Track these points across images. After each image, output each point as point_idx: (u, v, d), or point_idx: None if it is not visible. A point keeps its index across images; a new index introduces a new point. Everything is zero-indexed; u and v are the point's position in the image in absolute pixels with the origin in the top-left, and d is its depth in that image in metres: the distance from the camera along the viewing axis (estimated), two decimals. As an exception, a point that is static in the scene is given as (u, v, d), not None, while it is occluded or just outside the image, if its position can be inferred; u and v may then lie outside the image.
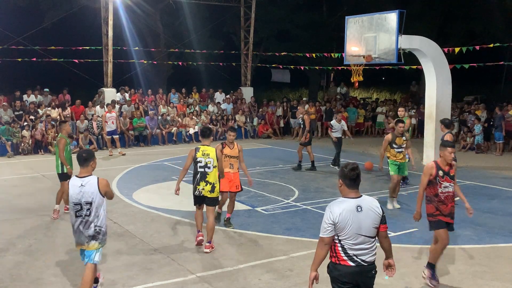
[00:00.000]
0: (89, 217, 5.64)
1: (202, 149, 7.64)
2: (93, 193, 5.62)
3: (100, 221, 5.70)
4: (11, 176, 13.68)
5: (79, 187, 5.63)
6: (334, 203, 4.39)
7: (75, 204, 5.64)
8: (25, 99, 19.41)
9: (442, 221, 6.49)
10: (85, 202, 5.61)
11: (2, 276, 6.74)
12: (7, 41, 20.56)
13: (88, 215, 5.63)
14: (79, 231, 5.70)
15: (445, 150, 6.46)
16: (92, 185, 5.64)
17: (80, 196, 5.61)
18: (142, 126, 19.55)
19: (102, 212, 5.71)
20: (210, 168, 7.58)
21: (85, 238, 5.68)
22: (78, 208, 5.63)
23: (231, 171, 8.72)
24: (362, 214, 4.29)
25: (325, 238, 4.34)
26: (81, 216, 5.65)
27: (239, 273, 6.85)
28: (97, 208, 5.65)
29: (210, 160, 7.58)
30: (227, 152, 8.68)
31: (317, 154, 16.88)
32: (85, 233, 5.67)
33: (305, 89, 36.37)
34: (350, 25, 15.21)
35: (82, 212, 5.63)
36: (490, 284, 6.53)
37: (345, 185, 4.39)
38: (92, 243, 5.69)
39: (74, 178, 5.76)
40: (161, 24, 27.43)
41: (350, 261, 4.31)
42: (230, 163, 8.71)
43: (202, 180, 7.61)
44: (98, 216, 5.67)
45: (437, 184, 6.43)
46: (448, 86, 15.43)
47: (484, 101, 22.94)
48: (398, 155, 10.29)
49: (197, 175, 7.65)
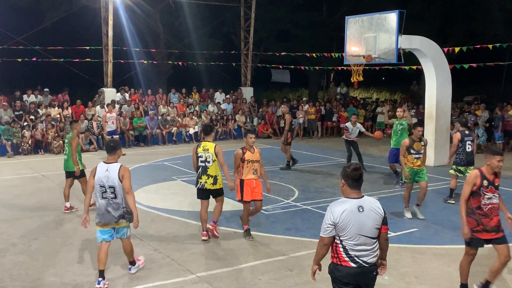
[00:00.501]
0: (117, 199, 6.32)
1: (203, 145, 8.03)
2: (115, 178, 6.28)
3: (126, 202, 6.38)
4: (11, 176, 13.68)
5: (105, 172, 6.32)
6: (335, 203, 4.38)
7: (100, 186, 6.32)
8: (25, 99, 19.41)
9: (481, 240, 5.90)
10: (108, 186, 6.28)
11: (2, 276, 6.74)
12: (7, 41, 20.56)
13: (115, 197, 6.31)
14: (107, 212, 6.35)
15: (492, 158, 5.85)
16: (115, 171, 6.30)
17: (105, 180, 6.29)
18: (142, 126, 19.56)
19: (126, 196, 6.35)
20: (210, 162, 7.93)
21: (114, 218, 6.38)
22: (103, 190, 6.32)
23: (254, 177, 8.09)
24: (363, 215, 4.28)
25: (324, 238, 4.34)
26: (106, 198, 6.31)
27: (239, 273, 6.85)
28: (121, 192, 6.31)
29: (209, 154, 7.92)
30: (249, 157, 8.06)
31: (317, 154, 16.89)
32: (114, 213, 6.35)
33: (305, 89, 36.37)
34: (350, 25, 15.21)
35: (107, 195, 6.30)
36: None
37: (347, 185, 4.38)
38: (121, 221, 6.43)
39: (102, 164, 6.41)
40: (161, 24, 27.43)
41: (351, 262, 4.30)
42: (253, 168, 8.07)
43: (203, 174, 7.99)
44: (123, 199, 6.35)
45: (481, 195, 5.87)
46: (448, 86, 15.43)
47: (484, 101, 22.93)
48: (415, 162, 9.45)
49: (199, 169, 8.02)
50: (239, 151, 8.05)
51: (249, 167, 8.04)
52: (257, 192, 8.15)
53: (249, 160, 8.03)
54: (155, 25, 27.05)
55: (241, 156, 8.00)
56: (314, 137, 22.26)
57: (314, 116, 22.37)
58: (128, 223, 6.55)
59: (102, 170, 6.33)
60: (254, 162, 8.08)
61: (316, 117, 22.49)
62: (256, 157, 8.11)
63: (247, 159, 8.03)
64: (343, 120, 22.71)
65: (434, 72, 15.06)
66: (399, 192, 11.55)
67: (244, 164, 8.00)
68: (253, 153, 8.11)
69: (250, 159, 8.05)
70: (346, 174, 4.38)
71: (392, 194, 11.39)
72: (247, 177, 8.03)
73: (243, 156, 8.01)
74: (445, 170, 14.52)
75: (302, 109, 22.34)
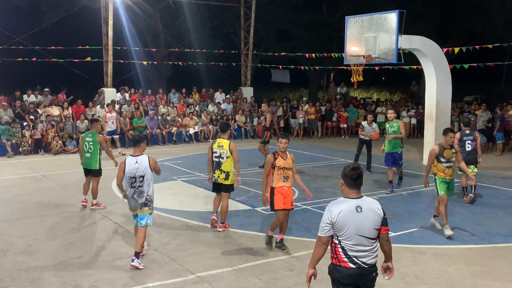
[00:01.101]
0: (142, 187, 7.02)
1: (218, 141, 8.48)
2: (145, 168, 7.01)
3: (151, 191, 7.10)
4: (11, 176, 13.68)
5: (135, 164, 7.02)
6: (333, 203, 4.38)
7: (130, 177, 7.02)
8: (25, 99, 19.41)
9: None
10: (138, 176, 7.00)
11: (2, 276, 6.74)
12: (7, 41, 20.57)
13: (141, 186, 7.01)
14: (134, 200, 7.08)
15: None
16: (145, 162, 7.05)
17: (135, 171, 6.99)
18: (142, 126, 19.56)
19: (151, 185, 7.10)
20: (224, 158, 8.32)
21: (139, 205, 7.06)
22: (133, 180, 7.02)
23: (285, 185, 7.53)
24: (361, 215, 4.26)
25: (322, 238, 4.32)
26: (134, 187, 7.03)
27: (239, 273, 6.86)
28: (148, 180, 7.05)
29: (223, 151, 8.33)
30: (280, 163, 7.47)
31: (317, 154, 16.89)
32: (139, 201, 7.04)
33: (305, 89, 36.38)
34: (350, 25, 15.21)
35: (136, 184, 7.02)
36: (490, 284, 6.53)
37: (346, 185, 4.37)
38: (144, 209, 7.08)
39: (130, 157, 7.11)
40: (161, 24, 27.42)
41: (350, 263, 4.29)
42: (284, 175, 7.50)
43: (217, 169, 8.40)
44: (149, 187, 7.06)
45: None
46: (448, 86, 15.43)
47: (484, 101, 22.94)
48: (447, 171, 8.50)
49: (213, 164, 8.45)
50: (270, 157, 7.51)
51: (279, 174, 7.47)
52: (287, 201, 7.57)
53: (280, 166, 7.47)
54: (155, 25, 27.05)
55: (272, 162, 7.46)
56: (314, 137, 22.26)
57: (314, 116, 22.36)
58: (151, 212, 7.12)
59: (132, 163, 7.04)
60: (286, 169, 7.49)
61: (316, 117, 22.49)
62: (288, 164, 7.52)
63: (278, 165, 7.46)
64: (343, 120, 22.72)
65: (434, 72, 15.06)
66: (399, 192, 11.56)
67: (275, 170, 7.44)
68: (285, 159, 7.52)
69: (282, 165, 7.47)
70: (345, 174, 4.37)
71: (392, 194, 11.39)
72: (278, 184, 7.47)
73: (274, 162, 7.46)
74: (445, 170, 14.52)
75: (302, 109, 22.34)
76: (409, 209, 10.09)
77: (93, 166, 10.00)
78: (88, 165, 10.05)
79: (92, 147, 9.95)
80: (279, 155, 7.51)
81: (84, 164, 10.12)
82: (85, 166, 10.10)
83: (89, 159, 10.00)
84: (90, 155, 9.97)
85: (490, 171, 14.39)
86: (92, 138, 9.99)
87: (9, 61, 20.83)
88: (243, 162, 15.26)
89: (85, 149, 10.03)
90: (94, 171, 10.06)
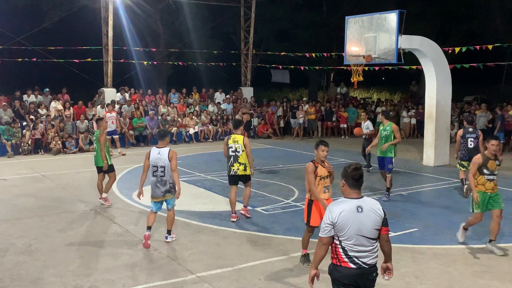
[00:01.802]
0: (164, 177, 7.74)
1: (233, 137, 9.10)
2: (165, 159, 7.69)
3: (172, 179, 7.77)
4: (11, 176, 13.68)
5: (157, 155, 7.75)
6: (334, 203, 4.38)
7: (153, 166, 7.78)
8: (25, 99, 19.41)
9: None
10: (160, 165, 7.71)
11: (2, 276, 6.74)
12: (7, 41, 20.57)
13: (163, 176, 7.73)
14: (156, 188, 7.81)
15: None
16: (165, 154, 7.72)
17: (157, 161, 7.72)
18: (142, 126, 19.56)
19: None
20: (240, 152, 8.99)
21: (161, 193, 7.81)
22: (155, 169, 7.76)
23: (326, 196, 6.85)
24: (362, 215, 4.26)
25: (323, 238, 4.32)
26: (156, 176, 7.75)
27: (239, 273, 6.85)
28: (169, 171, 7.71)
29: (238, 145, 8.99)
30: (322, 172, 6.80)
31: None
32: (162, 189, 7.80)
33: (305, 89, 36.39)
34: (350, 25, 15.20)
35: (157, 173, 7.74)
36: (490, 284, 6.53)
37: (347, 185, 4.37)
38: (167, 195, 7.86)
39: (154, 148, 7.87)
40: (161, 24, 27.44)
41: (351, 263, 4.28)
42: (325, 185, 6.85)
43: (235, 162, 9.03)
44: (170, 176, 7.75)
45: None
46: (448, 86, 15.43)
47: (484, 101, 22.95)
48: (488, 184, 7.72)
49: (230, 158, 9.04)
50: (310, 165, 6.81)
51: (320, 185, 6.82)
52: None
53: (321, 176, 6.80)
54: (155, 25, 27.06)
55: (314, 170, 6.77)
56: (314, 137, 22.25)
57: (314, 116, 22.37)
58: (173, 196, 7.90)
59: (155, 154, 7.77)
60: (326, 178, 6.87)
61: (316, 117, 22.50)
62: (327, 172, 6.88)
63: (320, 174, 6.79)
64: (343, 120, 22.72)
65: (434, 72, 15.06)
66: (398, 192, 11.56)
67: (316, 180, 6.80)
68: (325, 167, 6.89)
69: (322, 175, 6.81)
70: (346, 174, 4.37)
71: (392, 195, 11.37)
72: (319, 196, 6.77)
73: (316, 170, 6.78)
74: (445, 170, 14.55)
75: (302, 109, 22.35)
76: (409, 209, 10.08)
77: (99, 163, 10.40)
78: (96, 162, 10.52)
79: (96, 146, 10.47)
80: (319, 164, 6.83)
81: (94, 162, 10.61)
82: (94, 163, 10.59)
83: (96, 156, 10.52)
84: (96, 153, 10.51)
85: (490, 171, 14.37)
86: (95, 137, 10.55)
87: (9, 61, 20.84)
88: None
89: (95, 148, 10.62)
90: (99, 168, 10.45)
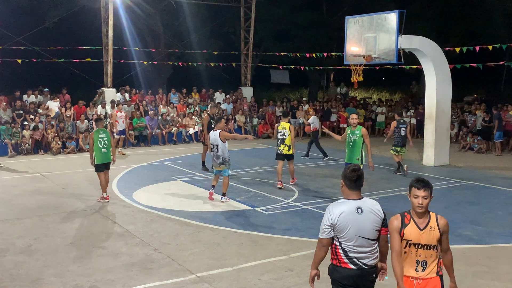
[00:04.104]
0: (218, 152, 10.31)
1: (282, 124, 11.82)
2: (217, 139, 10.28)
3: (225, 155, 10.30)
4: (11, 176, 13.68)
5: (213, 136, 10.37)
6: (334, 204, 4.36)
7: (211, 144, 10.44)
8: (25, 99, 19.41)
9: None
10: (215, 144, 10.32)
11: (2, 276, 6.75)
12: (7, 41, 20.56)
13: (216, 151, 10.32)
14: (214, 160, 10.51)
15: None
16: (217, 135, 10.32)
17: (213, 141, 10.34)
18: (142, 126, 19.56)
19: (225, 150, 10.28)
20: (286, 136, 11.68)
21: (217, 164, 10.36)
22: (212, 147, 10.43)
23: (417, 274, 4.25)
24: (362, 216, 4.25)
25: (323, 240, 4.31)
26: (213, 151, 10.38)
27: (239, 273, 6.86)
28: (221, 148, 10.24)
29: (285, 131, 11.69)
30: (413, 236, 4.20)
31: (317, 154, 16.87)
32: (217, 161, 10.36)
33: (305, 89, 36.38)
34: (350, 25, 15.20)
35: (214, 150, 10.37)
36: (490, 284, 6.53)
37: (346, 186, 4.36)
38: (221, 166, 10.35)
39: (212, 132, 10.54)
40: (161, 24, 27.41)
41: (351, 264, 4.27)
42: (417, 258, 4.23)
43: (282, 144, 11.75)
44: (223, 153, 10.26)
45: None
46: (448, 86, 15.42)
47: (484, 101, 22.95)
48: None
49: (278, 140, 11.84)
50: (395, 220, 4.28)
51: (409, 255, 4.23)
52: None
53: (412, 241, 4.21)
54: (155, 25, 27.04)
55: (399, 228, 4.23)
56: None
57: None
58: (227, 167, 10.36)
59: (212, 135, 10.43)
60: (423, 247, 4.20)
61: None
62: (431, 238, 4.18)
63: (409, 238, 4.22)
64: (343, 120, 22.71)
65: (434, 72, 15.05)
66: (398, 192, 11.56)
67: (402, 245, 4.23)
68: (423, 229, 4.18)
69: (415, 240, 4.20)
70: (345, 175, 4.36)
71: (392, 195, 11.39)
72: (405, 273, 4.23)
73: (402, 230, 4.22)
74: (445, 170, 14.55)
75: (302, 109, 22.34)
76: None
77: (109, 159, 10.88)
78: (107, 159, 10.80)
79: (107, 142, 10.73)
80: (410, 218, 4.25)
81: (103, 159, 10.69)
82: (104, 160, 10.72)
83: (106, 153, 10.73)
84: (107, 150, 10.73)
85: (490, 171, 14.40)
86: (105, 134, 10.79)
87: (9, 61, 20.82)
88: (243, 163, 15.31)
89: (99, 145, 10.65)
90: (108, 164, 10.91)
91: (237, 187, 11.99)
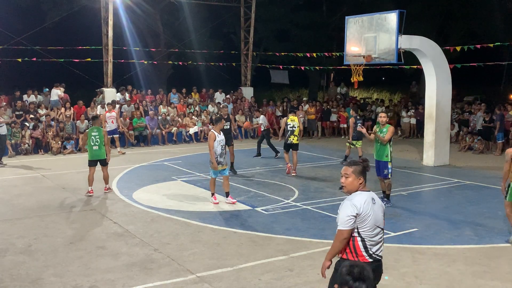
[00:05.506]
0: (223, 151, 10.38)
1: (291, 118, 13.39)
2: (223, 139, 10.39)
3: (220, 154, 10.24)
4: (11, 176, 13.68)
5: (220, 136, 10.31)
6: (353, 196, 4.37)
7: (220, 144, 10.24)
8: (25, 99, 19.40)
9: None
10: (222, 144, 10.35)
11: (2, 276, 6.74)
12: (7, 41, 20.56)
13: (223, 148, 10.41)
14: (223, 158, 10.29)
15: None
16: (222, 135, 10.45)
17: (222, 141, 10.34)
18: (142, 126, 19.55)
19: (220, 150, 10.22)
20: (295, 127, 13.26)
21: (225, 162, 10.37)
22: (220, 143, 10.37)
23: None
24: (376, 206, 4.37)
25: (344, 232, 4.28)
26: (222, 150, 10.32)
27: (239, 273, 6.85)
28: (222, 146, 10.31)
29: (295, 123, 13.32)
30: None
31: (317, 154, 16.88)
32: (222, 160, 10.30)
33: (305, 89, 36.37)
34: (350, 25, 15.20)
35: (223, 149, 10.32)
36: (490, 284, 6.53)
37: (364, 180, 4.45)
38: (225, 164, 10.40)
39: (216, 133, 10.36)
40: (161, 24, 27.42)
41: (368, 257, 4.32)
42: None
43: (291, 135, 13.27)
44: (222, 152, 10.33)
45: None
46: (448, 86, 15.42)
47: (484, 101, 22.96)
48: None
49: (288, 132, 13.29)
50: None
51: None
52: None
53: None
54: (155, 25, 27.04)
55: None
56: (314, 137, 22.25)
57: (314, 116, 22.36)
58: (226, 166, 10.48)
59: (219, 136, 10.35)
60: None
61: (316, 117, 22.49)
62: None
63: None
64: (343, 120, 22.71)
65: (434, 72, 15.05)
66: (398, 192, 11.56)
67: None
68: None
69: None
70: (364, 169, 4.44)
71: (392, 195, 11.36)
72: None
73: None
74: (445, 170, 14.55)
75: (302, 109, 22.33)
76: (409, 209, 10.09)
77: (101, 156, 11.29)
78: (98, 156, 11.28)
79: (99, 140, 11.20)
80: None
81: (94, 156, 11.28)
82: (95, 157, 11.28)
83: (98, 150, 11.25)
84: (98, 147, 11.23)
85: (490, 171, 14.39)
86: (98, 132, 11.27)
87: (9, 61, 20.82)
88: (243, 163, 15.29)
89: (91, 143, 11.22)
90: (102, 161, 11.35)
91: (237, 187, 11.99)
